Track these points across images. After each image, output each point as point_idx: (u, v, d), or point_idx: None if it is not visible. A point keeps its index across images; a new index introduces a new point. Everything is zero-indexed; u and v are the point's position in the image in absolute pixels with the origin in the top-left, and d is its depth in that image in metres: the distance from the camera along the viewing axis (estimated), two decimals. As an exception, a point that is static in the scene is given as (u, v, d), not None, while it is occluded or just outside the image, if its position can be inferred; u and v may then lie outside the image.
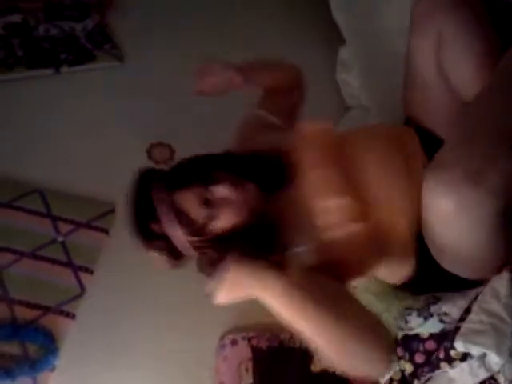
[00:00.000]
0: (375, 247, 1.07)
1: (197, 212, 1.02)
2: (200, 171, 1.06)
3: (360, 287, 1.32)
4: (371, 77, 1.66)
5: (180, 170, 1.09)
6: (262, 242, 1.05)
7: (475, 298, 1.01)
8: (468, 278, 1.07)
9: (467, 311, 1.01)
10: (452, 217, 0.91)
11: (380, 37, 1.56)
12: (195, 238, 1.04)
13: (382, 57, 1.57)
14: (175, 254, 1.07)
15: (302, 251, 1.05)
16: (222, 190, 1.03)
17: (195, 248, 1.05)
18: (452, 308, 1.06)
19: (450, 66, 1.12)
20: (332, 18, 1.72)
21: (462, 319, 1.01)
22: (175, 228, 1.02)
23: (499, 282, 0.99)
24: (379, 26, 1.55)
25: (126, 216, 1.07)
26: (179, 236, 1.03)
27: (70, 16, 1.87)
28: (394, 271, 1.17)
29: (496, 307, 0.96)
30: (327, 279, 1.02)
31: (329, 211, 1.05)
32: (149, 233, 1.05)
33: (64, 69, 1.73)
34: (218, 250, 1.04)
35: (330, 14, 1.72)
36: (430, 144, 1.12)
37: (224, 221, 1.03)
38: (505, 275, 0.99)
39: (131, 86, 1.73)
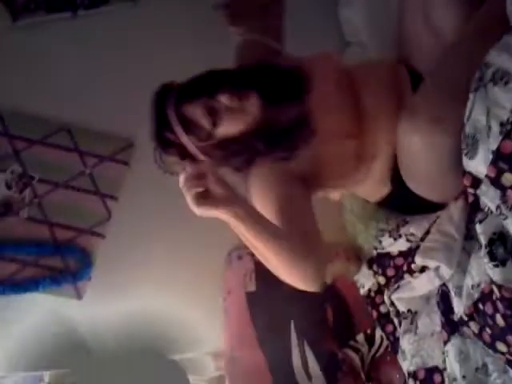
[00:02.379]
0: (359, 164, 1.22)
1: (203, 120, 1.14)
2: (206, 83, 1.17)
3: (347, 208, 1.52)
4: (373, 12, 1.71)
5: (190, 83, 1.21)
6: (266, 147, 1.18)
7: (434, 221, 1.20)
8: (433, 200, 1.24)
9: (427, 232, 1.21)
10: (418, 152, 1.09)
11: None
12: (203, 144, 1.17)
13: None
14: (190, 159, 1.19)
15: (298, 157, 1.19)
16: (223, 99, 1.14)
17: (205, 153, 1.18)
18: (417, 229, 1.24)
19: (434, 17, 1.22)
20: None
21: (423, 239, 1.21)
22: (185, 135, 1.16)
23: (454, 208, 1.16)
24: None
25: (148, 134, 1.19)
26: (189, 142, 1.17)
27: (84, -41, 1.95)
28: (372, 190, 1.33)
29: (449, 228, 1.14)
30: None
31: (329, 124, 1.19)
32: (165, 141, 1.19)
33: (81, 12, 1.83)
34: (225, 155, 1.19)
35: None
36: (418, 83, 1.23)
37: (227, 127, 1.15)
38: (459, 202, 1.16)
39: (144, 26, 1.83)
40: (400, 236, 1.27)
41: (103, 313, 1.54)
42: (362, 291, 1.39)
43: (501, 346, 1.02)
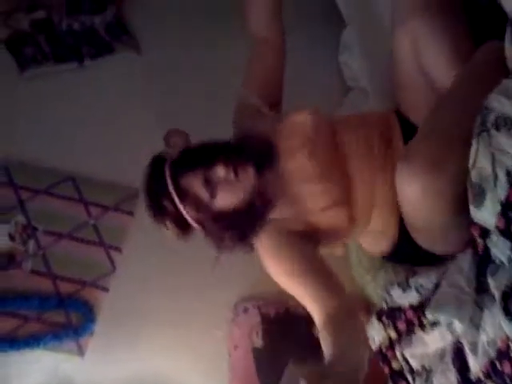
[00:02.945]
0: (353, 224, 1.21)
1: (201, 192, 1.16)
2: (203, 155, 1.19)
3: (354, 260, 1.49)
4: (370, 59, 1.72)
5: (187, 155, 1.22)
6: (256, 215, 1.18)
7: (444, 273, 1.16)
8: (437, 253, 1.21)
9: (437, 285, 1.16)
10: (418, 201, 1.06)
11: (379, 21, 1.61)
12: (200, 215, 1.18)
13: (381, 40, 1.59)
14: (184, 228, 1.21)
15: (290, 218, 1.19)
16: (220, 171, 1.15)
17: (201, 223, 1.19)
18: (426, 280, 1.20)
19: (425, 62, 1.22)
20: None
21: (433, 292, 1.16)
22: (182, 206, 1.17)
23: (463, 259, 1.12)
24: (378, 11, 1.61)
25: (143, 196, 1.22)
26: (186, 212, 1.18)
27: (89, 9, 2.00)
28: (375, 242, 1.32)
29: (459, 281, 1.10)
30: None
31: (313, 195, 1.18)
32: (161, 208, 1.20)
33: (87, 62, 1.86)
34: (222, 225, 1.19)
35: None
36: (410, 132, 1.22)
37: (224, 199, 1.16)
38: (468, 253, 1.12)
39: (149, 76, 1.86)
40: (409, 287, 1.23)
41: (105, 370, 1.49)
42: (373, 346, 1.33)
43: (520, 407, 0.97)
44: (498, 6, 1.12)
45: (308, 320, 1.48)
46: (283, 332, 1.49)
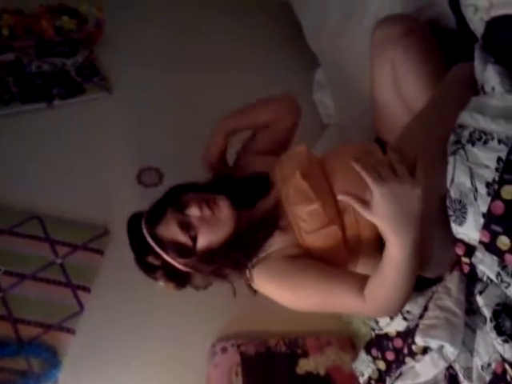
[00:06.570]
0: (347, 248, 1.18)
1: (181, 237, 1.14)
2: (172, 199, 1.18)
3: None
4: (345, 97, 1.75)
5: (157, 204, 1.21)
6: (249, 246, 1.17)
7: (431, 296, 1.12)
8: (425, 275, 1.18)
9: (425, 309, 1.11)
10: None
11: (351, 59, 1.65)
12: (188, 259, 1.16)
13: (355, 78, 1.64)
14: (177, 278, 1.20)
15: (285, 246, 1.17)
16: (194, 211, 1.14)
17: (191, 267, 1.17)
18: (413, 306, 1.16)
19: (404, 89, 1.25)
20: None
21: (421, 316, 1.11)
22: (167, 256, 1.15)
23: (451, 281, 1.09)
24: (350, 50, 1.64)
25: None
26: (173, 261, 1.16)
27: (60, 52, 1.99)
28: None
29: (448, 303, 1.06)
30: None
31: (309, 215, 1.15)
32: (148, 265, 1.19)
33: (56, 102, 1.84)
34: (212, 263, 1.16)
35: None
36: None
37: (205, 237, 1.15)
38: (455, 274, 1.09)
39: (120, 115, 1.84)
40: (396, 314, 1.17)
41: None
42: (362, 380, 1.26)
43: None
44: (466, 29, 1.16)
45: (289, 359, 1.43)
46: (264, 372, 1.41)
